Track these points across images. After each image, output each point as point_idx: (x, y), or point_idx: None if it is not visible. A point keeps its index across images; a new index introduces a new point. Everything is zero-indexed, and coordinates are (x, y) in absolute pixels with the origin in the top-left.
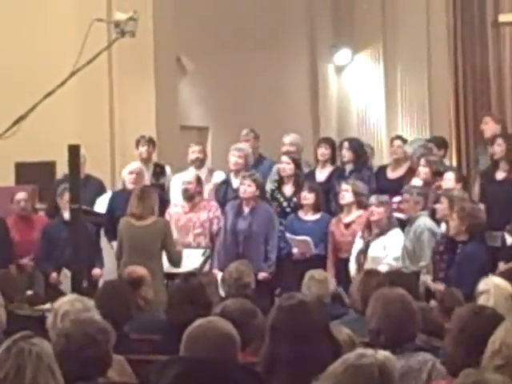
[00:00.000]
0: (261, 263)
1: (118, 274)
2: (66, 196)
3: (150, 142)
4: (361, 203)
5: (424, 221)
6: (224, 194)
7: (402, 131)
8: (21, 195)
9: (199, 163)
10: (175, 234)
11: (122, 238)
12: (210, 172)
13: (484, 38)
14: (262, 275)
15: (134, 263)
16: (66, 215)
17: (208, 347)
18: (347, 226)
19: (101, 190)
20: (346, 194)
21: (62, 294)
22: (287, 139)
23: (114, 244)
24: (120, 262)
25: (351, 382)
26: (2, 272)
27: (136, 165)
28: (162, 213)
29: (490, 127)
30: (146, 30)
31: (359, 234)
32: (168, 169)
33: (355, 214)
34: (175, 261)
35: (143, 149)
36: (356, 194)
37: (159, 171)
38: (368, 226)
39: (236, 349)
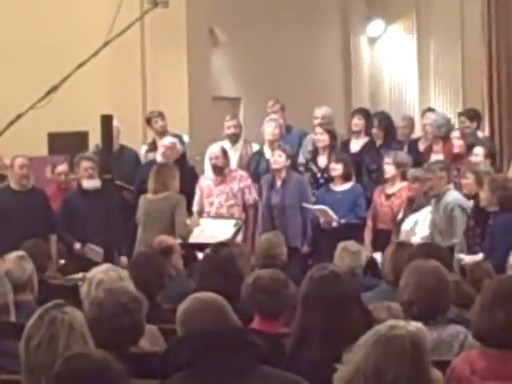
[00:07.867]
0: (298, 236)
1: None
2: (84, 164)
3: (161, 115)
4: (405, 174)
5: (453, 196)
6: (256, 164)
7: (434, 103)
8: (62, 168)
9: (235, 137)
10: (206, 207)
11: (141, 215)
12: (245, 143)
13: None
14: (304, 250)
15: (147, 238)
16: (85, 183)
17: (203, 318)
18: (388, 197)
19: (136, 161)
20: (388, 167)
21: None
22: (319, 112)
23: None
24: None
25: (382, 353)
26: (33, 241)
27: (169, 139)
28: (192, 184)
29: None
30: (179, 0)
31: (404, 205)
32: (186, 137)
33: (398, 186)
34: (181, 235)
35: (157, 125)
36: (397, 165)
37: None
38: (410, 199)
39: (229, 312)
